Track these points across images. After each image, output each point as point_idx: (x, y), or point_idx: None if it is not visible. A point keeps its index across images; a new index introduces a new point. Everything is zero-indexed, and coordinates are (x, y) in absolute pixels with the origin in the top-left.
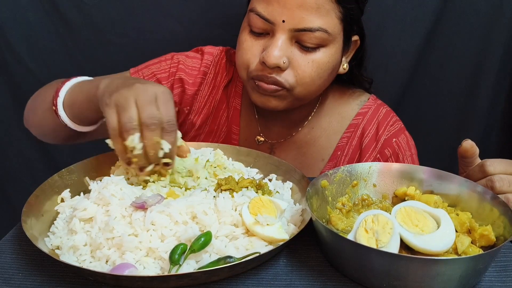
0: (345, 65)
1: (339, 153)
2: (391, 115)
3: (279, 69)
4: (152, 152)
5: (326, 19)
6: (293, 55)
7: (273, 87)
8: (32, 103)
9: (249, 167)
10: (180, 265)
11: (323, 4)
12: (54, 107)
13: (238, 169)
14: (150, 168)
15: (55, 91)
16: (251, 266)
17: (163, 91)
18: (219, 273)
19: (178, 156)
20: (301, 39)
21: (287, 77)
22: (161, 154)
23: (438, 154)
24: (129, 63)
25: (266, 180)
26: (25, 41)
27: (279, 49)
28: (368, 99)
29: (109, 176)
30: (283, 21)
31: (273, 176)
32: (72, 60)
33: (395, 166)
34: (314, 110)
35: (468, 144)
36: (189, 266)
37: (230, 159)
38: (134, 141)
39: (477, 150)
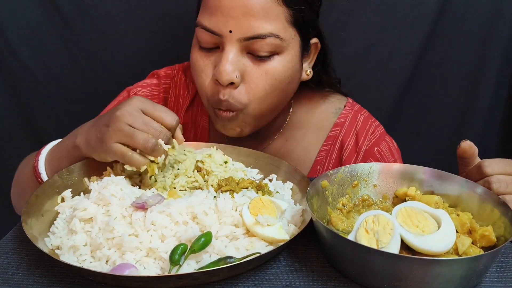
0: (308, 70)
1: (318, 167)
2: (369, 122)
3: (233, 85)
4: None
5: (276, 24)
6: (245, 68)
7: (229, 114)
8: (15, 191)
9: (249, 168)
10: (180, 266)
11: (271, 8)
12: (39, 180)
13: (240, 168)
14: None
15: (32, 168)
16: (252, 266)
17: (137, 99)
18: (219, 273)
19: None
20: (252, 49)
21: (239, 96)
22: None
23: (438, 154)
24: (129, 63)
25: (266, 180)
26: (25, 41)
27: (230, 63)
28: (345, 107)
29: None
30: (230, 32)
31: (273, 176)
32: (72, 60)
33: (396, 166)
34: (286, 121)
35: (467, 145)
36: (189, 266)
37: (230, 159)
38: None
39: (476, 150)
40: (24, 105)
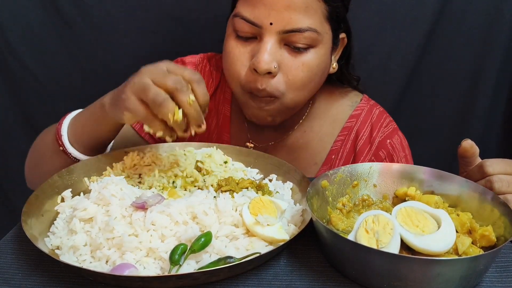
0: (334, 64)
1: (333, 156)
2: (384, 116)
3: (270, 74)
4: (193, 112)
5: (314, 19)
6: (282, 59)
7: (268, 99)
8: (32, 160)
9: (249, 167)
10: (180, 265)
11: (311, 3)
12: (61, 148)
13: (240, 168)
14: (203, 127)
15: (55, 132)
16: (252, 266)
17: (165, 61)
18: (219, 273)
19: None
20: (290, 41)
21: (277, 85)
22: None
23: (438, 154)
24: (129, 63)
25: (266, 180)
26: (25, 41)
27: (269, 53)
28: (361, 100)
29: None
30: (271, 24)
31: (273, 176)
32: (72, 60)
33: (396, 166)
34: (306, 113)
35: (468, 144)
36: (189, 266)
37: (230, 159)
38: (179, 113)
39: (477, 150)
40: (24, 105)
